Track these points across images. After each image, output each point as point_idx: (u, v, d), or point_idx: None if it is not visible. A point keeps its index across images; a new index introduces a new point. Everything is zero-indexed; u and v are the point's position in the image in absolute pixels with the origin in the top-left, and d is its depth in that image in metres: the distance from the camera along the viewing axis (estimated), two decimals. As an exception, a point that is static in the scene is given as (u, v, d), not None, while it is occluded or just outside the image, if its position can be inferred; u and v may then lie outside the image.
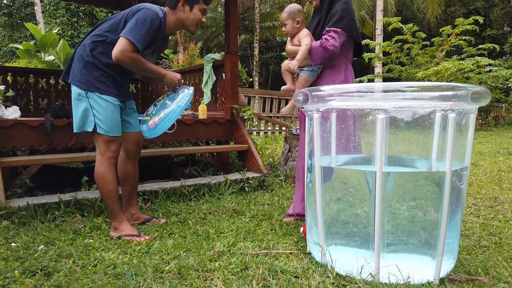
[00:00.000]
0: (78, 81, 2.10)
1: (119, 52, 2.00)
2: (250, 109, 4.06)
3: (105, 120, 2.10)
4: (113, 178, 2.15)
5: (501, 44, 17.41)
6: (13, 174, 2.96)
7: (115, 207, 2.18)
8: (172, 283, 1.56)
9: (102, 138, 2.11)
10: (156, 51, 2.31)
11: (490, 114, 14.55)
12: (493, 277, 1.63)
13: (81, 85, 2.09)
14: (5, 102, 3.39)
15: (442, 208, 1.52)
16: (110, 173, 2.13)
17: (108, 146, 2.13)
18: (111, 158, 2.14)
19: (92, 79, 2.09)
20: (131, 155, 2.37)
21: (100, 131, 2.09)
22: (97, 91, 2.09)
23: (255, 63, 16.25)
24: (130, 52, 2.01)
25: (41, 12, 15.14)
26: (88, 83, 2.09)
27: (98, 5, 5.50)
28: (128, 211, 2.40)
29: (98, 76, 2.10)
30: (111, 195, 2.15)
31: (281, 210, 2.73)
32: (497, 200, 3.04)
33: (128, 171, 2.37)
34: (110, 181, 2.13)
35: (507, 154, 5.80)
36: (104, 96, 2.10)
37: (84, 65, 2.10)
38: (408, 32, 10.86)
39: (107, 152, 2.13)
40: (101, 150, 2.13)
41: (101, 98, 2.09)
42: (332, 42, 2.21)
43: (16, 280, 1.55)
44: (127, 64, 2.06)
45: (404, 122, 1.53)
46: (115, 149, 2.16)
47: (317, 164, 1.70)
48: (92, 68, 2.10)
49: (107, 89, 2.12)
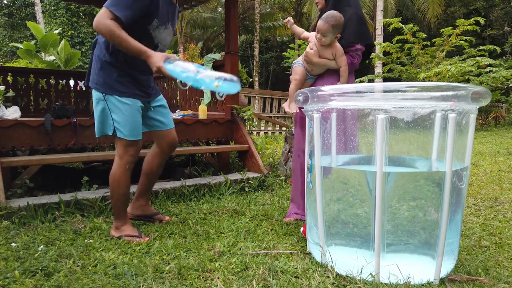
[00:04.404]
0: (95, 83, 2.02)
1: (95, 21, 1.84)
2: (250, 109, 4.07)
3: (124, 123, 2.03)
4: (128, 183, 2.12)
5: (501, 44, 17.42)
6: (13, 174, 2.96)
7: (122, 208, 2.15)
8: (172, 283, 1.56)
9: (121, 141, 2.06)
10: (166, 23, 2.08)
11: (490, 114, 14.56)
12: (493, 277, 1.63)
13: (98, 88, 2.01)
14: (5, 102, 3.39)
15: (442, 208, 1.52)
16: (125, 177, 2.10)
17: (127, 150, 2.08)
18: (128, 162, 2.10)
19: (110, 80, 2.00)
20: (164, 153, 2.30)
21: (119, 135, 2.03)
22: (115, 94, 2.00)
23: (255, 63, 16.25)
24: (108, 19, 1.82)
25: (41, 12, 15.16)
26: (106, 85, 2.00)
27: (98, 5, 5.49)
28: (138, 201, 2.36)
29: (116, 77, 2.00)
30: (121, 198, 2.12)
31: (281, 210, 2.73)
32: (497, 200, 3.04)
33: (153, 166, 2.31)
34: (123, 185, 2.10)
35: (507, 154, 5.80)
36: (123, 98, 2.01)
37: (101, 66, 2.01)
38: (409, 32, 10.87)
39: (125, 156, 2.08)
40: (119, 153, 2.09)
41: (119, 101, 2.01)
42: (359, 60, 2.36)
43: (16, 280, 1.55)
44: (103, 34, 1.86)
45: (404, 122, 1.53)
46: (133, 153, 2.11)
47: (317, 164, 1.70)
48: (110, 69, 2.00)
49: (127, 91, 2.02)
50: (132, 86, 2.05)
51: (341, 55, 2.26)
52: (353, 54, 2.31)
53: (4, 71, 4.67)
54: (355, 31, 2.29)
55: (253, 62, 18.38)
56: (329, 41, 2.22)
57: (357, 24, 2.29)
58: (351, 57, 2.31)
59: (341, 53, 2.26)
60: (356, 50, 2.32)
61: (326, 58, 2.29)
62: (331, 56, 2.27)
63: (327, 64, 2.29)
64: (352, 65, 2.32)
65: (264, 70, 25.70)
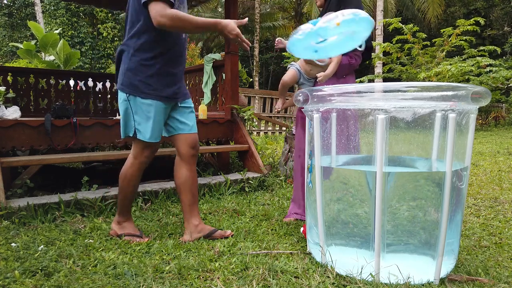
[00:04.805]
0: (121, 84, 1.99)
1: (156, 16, 1.78)
2: (250, 109, 4.07)
3: (145, 125, 2.00)
4: (137, 182, 2.14)
5: (501, 44, 17.42)
6: (13, 174, 2.96)
7: (127, 205, 2.16)
8: (172, 283, 1.56)
9: (138, 142, 2.05)
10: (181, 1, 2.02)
11: (490, 114, 14.55)
12: (493, 277, 1.63)
13: (124, 88, 1.98)
14: (6, 102, 3.39)
15: (442, 208, 1.52)
16: (136, 177, 2.11)
17: (143, 151, 2.07)
18: (142, 163, 2.09)
19: (136, 81, 1.95)
20: (187, 159, 2.13)
21: (139, 136, 2.01)
22: (139, 95, 1.96)
23: (255, 63, 16.24)
24: (166, 10, 1.79)
25: (41, 12, 15.17)
26: (131, 86, 1.96)
27: (98, 5, 5.49)
28: (190, 223, 2.13)
29: (143, 78, 1.95)
30: (128, 196, 2.13)
31: (281, 210, 2.73)
32: (497, 200, 3.04)
33: (186, 177, 2.12)
34: (133, 184, 2.12)
35: (507, 154, 5.80)
36: (146, 100, 1.96)
37: (128, 67, 1.96)
38: (409, 32, 10.86)
39: (140, 156, 2.07)
40: (134, 153, 2.08)
41: (142, 103, 1.97)
42: (358, 60, 2.34)
43: (16, 280, 1.55)
44: (171, 26, 1.81)
45: (404, 122, 1.53)
46: (149, 155, 2.10)
47: (317, 164, 1.70)
48: (138, 69, 1.95)
49: (151, 92, 1.96)
50: (161, 85, 1.98)
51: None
52: (351, 55, 2.31)
53: (4, 71, 4.66)
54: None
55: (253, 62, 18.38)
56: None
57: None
58: (349, 57, 2.30)
59: None
60: (355, 50, 2.30)
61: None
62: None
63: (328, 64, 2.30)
64: (351, 66, 2.32)
65: (264, 70, 25.69)
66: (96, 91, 5.15)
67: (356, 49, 2.31)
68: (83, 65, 17.58)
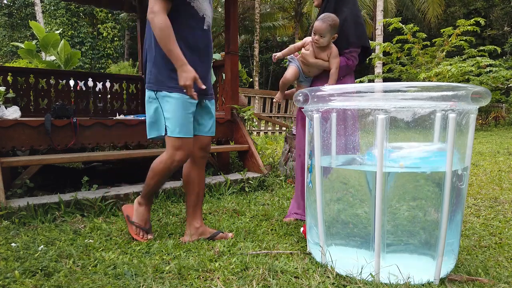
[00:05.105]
0: (148, 82, 1.93)
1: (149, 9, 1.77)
2: (250, 109, 4.07)
3: (174, 119, 1.90)
4: (163, 178, 2.04)
5: (501, 44, 17.42)
6: (13, 174, 2.96)
7: (152, 192, 2.09)
8: (172, 283, 1.56)
9: (171, 140, 1.93)
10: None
11: (490, 114, 14.55)
12: (493, 277, 1.63)
13: (151, 85, 1.92)
14: (5, 102, 3.39)
15: (442, 208, 1.52)
16: (163, 174, 2.02)
17: (175, 152, 1.94)
18: (175, 161, 1.96)
19: (162, 77, 1.89)
20: (196, 160, 2.12)
21: (169, 133, 1.91)
22: (166, 90, 1.89)
23: (255, 63, 16.24)
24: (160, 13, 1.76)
25: (41, 12, 15.17)
26: (158, 82, 1.90)
27: (98, 5, 5.49)
28: (191, 225, 2.11)
29: (169, 72, 1.88)
30: (154, 187, 2.07)
31: (281, 210, 2.73)
32: (497, 200, 3.04)
33: (193, 178, 2.11)
34: (158, 177, 2.03)
35: (507, 154, 5.80)
36: (173, 93, 1.89)
37: (154, 63, 1.91)
38: (409, 32, 10.86)
39: (173, 156, 1.95)
40: (168, 152, 1.96)
41: (168, 96, 1.89)
42: (355, 62, 2.33)
43: (16, 280, 1.55)
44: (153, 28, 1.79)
45: (404, 122, 1.53)
46: (182, 158, 1.96)
47: (317, 164, 1.70)
48: (163, 63, 1.88)
49: (177, 86, 1.87)
50: None
51: (335, 57, 2.26)
52: (348, 56, 2.30)
53: (4, 71, 4.66)
54: (354, 33, 2.28)
55: (253, 62, 18.38)
56: (327, 42, 2.22)
57: (355, 25, 2.29)
58: (346, 59, 2.30)
59: (336, 55, 2.26)
60: (351, 52, 2.30)
61: (321, 59, 2.29)
62: (327, 58, 2.27)
63: (323, 65, 2.29)
64: (348, 67, 2.31)
65: (264, 70, 25.69)
66: (96, 91, 5.14)
67: (351, 49, 2.31)
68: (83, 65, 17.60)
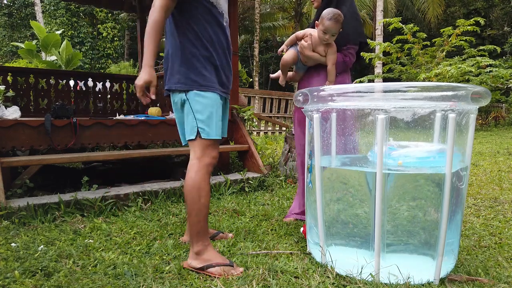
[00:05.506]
0: (176, 82, 1.77)
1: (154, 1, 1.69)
2: (250, 109, 4.07)
3: (208, 120, 1.76)
4: (209, 190, 1.76)
5: (501, 44, 17.43)
6: (13, 174, 2.96)
7: (204, 226, 1.75)
8: (172, 283, 1.56)
9: (201, 141, 1.76)
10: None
11: (490, 114, 14.55)
12: (493, 277, 1.63)
13: (180, 86, 1.76)
14: (5, 102, 3.39)
15: (442, 208, 1.52)
16: (206, 183, 1.75)
17: (206, 150, 1.77)
18: (209, 164, 1.77)
19: (192, 74, 1.75)
20: None
21: (203, 135, 1.75)
22: (196, 89, 1.75)
23: (255, 64, 16.24)
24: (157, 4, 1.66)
25: (41, 12, 15.17)
26: (188, 80, 1.75)
27: (98, 5, 5.49)
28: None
29: (199, 68, 1.76)
30: (202, 210, 1.74)
31: (281, 210, 2.73)
32: (497, 200, 3.04)
33: None
34: (205, 193, 1.74)
35: (507, 154, 5.80)
36: (205, 93, 1.76)
37: (181, 61, 1.76)
38: (409, 32, 10.86)
39: (204, 157, 1.76)
40: (197, 154, 1.76)
41: (199, 95, 1.75)
42: (352, 59, 2.33)
43: (16, 280, 1.55)
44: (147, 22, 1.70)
45: (404, 122, 1.53)
46: (215, 155, 1.80)
47: (317, 164, 1.70)
48: (192, 60, 1.76)
49: (209, 84, 1.77)
50: (216, 76, 1.82)
51: (333, 53, 2.26)
52: (346, 53, 2.30)
53: (4, 71, 4.66)
54: (352, 30, 2.28)
55: (253, 62, 18.38)
56: (333, 39, 2.23)
57: (353, 22, 2.29)
58: (343, 55, 2.29)
59: (334, 51, 2.27)
60: (348, 48, 2.30)
61: (318, 53, 2.29)
62: (324, 52, 2.28)
63: (319, 60, 2.30)
64: (345, 63, 2.30)
65: (264, 70, 25.70)
66: (96, 91, 5.14)
67: (349, 46, 2.31)
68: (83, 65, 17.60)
